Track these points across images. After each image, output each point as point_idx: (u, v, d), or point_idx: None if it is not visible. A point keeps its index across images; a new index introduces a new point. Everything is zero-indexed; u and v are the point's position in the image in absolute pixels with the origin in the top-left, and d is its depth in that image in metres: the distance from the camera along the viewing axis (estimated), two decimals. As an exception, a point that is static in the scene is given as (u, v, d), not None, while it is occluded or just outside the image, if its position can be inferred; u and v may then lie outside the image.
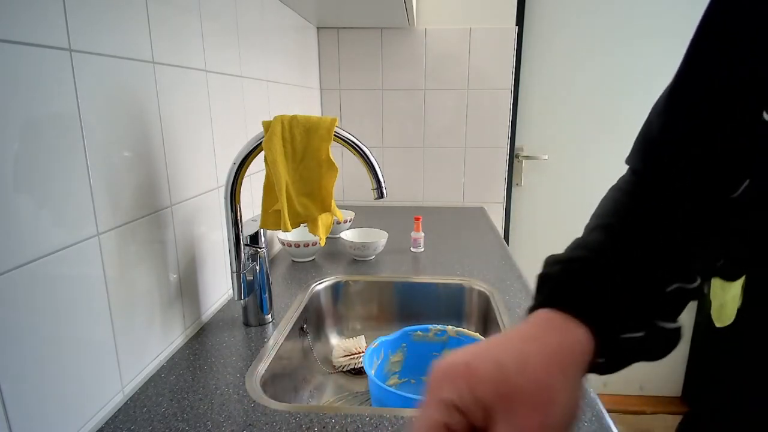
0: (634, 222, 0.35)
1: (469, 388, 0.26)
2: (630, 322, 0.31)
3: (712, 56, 0.32)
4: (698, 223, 0.34)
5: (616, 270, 0.32)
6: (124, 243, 0.61)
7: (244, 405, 0.61)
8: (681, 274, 0.33)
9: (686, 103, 0.34)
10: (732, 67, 0.31)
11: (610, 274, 0.32)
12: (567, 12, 1.70)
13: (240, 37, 0.98)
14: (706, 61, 0.33)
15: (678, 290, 0.33)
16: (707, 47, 0.33)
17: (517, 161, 1.83)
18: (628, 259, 0.33)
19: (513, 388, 0.25)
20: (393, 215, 1.62)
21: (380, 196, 0.73)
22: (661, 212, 0.34)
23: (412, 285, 1.05)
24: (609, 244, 0.34)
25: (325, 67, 1.70)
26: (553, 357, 0.27)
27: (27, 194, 0.46)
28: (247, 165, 0.74)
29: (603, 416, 0.58)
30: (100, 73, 0.56)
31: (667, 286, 0.33)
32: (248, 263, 0.79)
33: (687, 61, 0.34)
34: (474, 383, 0.26)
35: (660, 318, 0.32)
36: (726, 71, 0.32)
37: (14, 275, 0.44)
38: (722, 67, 0.32)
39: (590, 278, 0.32)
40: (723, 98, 0.32)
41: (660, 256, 0.33)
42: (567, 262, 0.34)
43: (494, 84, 1.66)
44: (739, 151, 0.32)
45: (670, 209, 0.34)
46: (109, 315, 0.58)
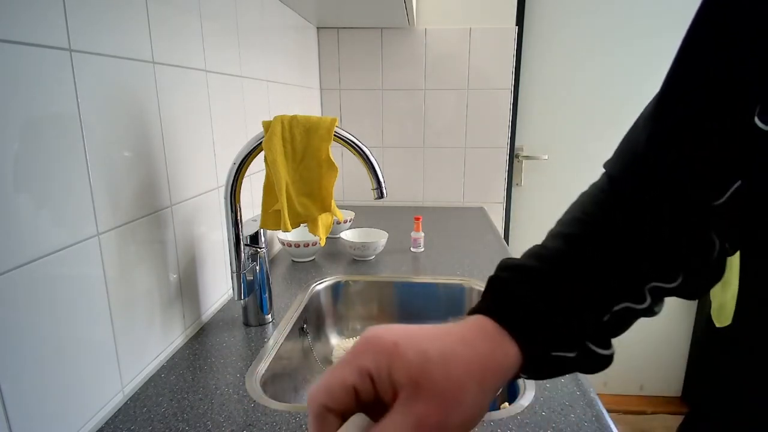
0: (595, 235, 0.35)
1: (388, 364, 0.26)
2: (564, 342, 0.32)
3: (703, 62, 0.32)
4: (664, 238, 0.33)
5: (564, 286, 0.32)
6: (124, 243, 0.61)
7: (244, 405, 0.61)
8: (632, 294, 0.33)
9: (678, 109, 0.33)
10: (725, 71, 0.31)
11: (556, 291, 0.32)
12: (567, 12, 1.70)
13: (240, 37, 0.98)
14: (698, 67, 0.32)
15: (625, 309, 0.33)
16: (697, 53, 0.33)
17: (517, 161, 1.83)
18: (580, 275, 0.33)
19: (427, 378, 0.26)
20: (393, 215, 1.62)
21: (380, 196, 0.73)
22: (626, 227, 0.34)
23: (412, 285, 1.05)
24: (565, 256, 0.34)
25: (325, 67, 1.70)
26: (477, 365, 0.28)
27: (27, 194, 0.46)
28: (247, 165, 0.74)
29: (603, 416, 0.58)
30: (100, 73, 0.56)
31: (615, 305, 0.33)
32: (248, 263, 0.79)
33: (677, 67, 0.33)
34: (394, 362, 0.27)
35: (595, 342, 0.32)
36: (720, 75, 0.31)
37: (14, 275, 0.44)
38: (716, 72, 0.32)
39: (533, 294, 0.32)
40: (718, 105, 0.31)
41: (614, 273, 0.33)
42: (518, 270, 0.34)
43: (494, 84, 1.67)
44: (732, 157, 0.32)
45: (637, 223, 0.34)
46: (109, 315, 0.58)
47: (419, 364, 0.26)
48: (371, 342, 0.28)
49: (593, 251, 0.34)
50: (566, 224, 0.37)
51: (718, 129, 0.31)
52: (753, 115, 0.30)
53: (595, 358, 0.33)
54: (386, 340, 0.28)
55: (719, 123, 0.32)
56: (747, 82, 0.30)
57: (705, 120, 0.32)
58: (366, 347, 0.28)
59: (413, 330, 0.29)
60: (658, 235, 0.33)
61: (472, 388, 0.27)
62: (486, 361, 0.28)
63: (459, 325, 0.31)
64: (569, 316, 0.32)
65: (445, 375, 0.26)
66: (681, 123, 0.33)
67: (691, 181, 0.33)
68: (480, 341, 0.29)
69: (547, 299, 0.32)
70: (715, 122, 0.32)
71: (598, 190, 0.39)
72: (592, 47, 1.72)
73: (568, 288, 0.32)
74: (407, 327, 0.29)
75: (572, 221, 0.37)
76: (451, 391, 0.26)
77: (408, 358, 0.27)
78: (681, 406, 2.02)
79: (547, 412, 0.59)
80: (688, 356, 2.01)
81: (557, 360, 0.32)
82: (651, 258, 0.33)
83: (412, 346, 0.27)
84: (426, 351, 0.27)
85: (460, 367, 0.27)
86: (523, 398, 0.62)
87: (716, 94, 0.31)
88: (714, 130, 0.32)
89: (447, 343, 0.28)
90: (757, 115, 0.30)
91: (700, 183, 0.32)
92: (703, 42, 0.32)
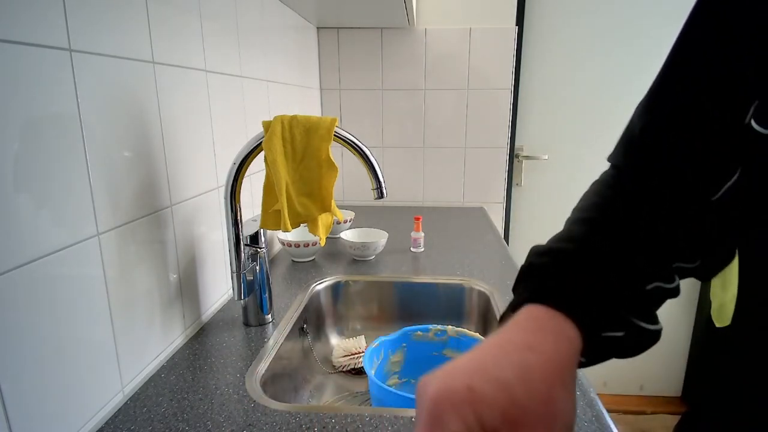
0: (615, 217, 0.35)
1: (476, 416, 0.24)
2: (613, 320, 0.31)
3: (695, 55, 0.32)
4: (676, 224, 0.33)
5: (600, 265, 0.32)
6: (124, 243, 0.61)
7: (244, 405, 0.61)
8: (661, 273, 0.33)
9: (669, 102, 0.34)
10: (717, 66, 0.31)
11: (595, 268, 0.32)
12: (567, 12, 1.70)
13: (240, 37, 0.98)
14: (689, 61, 0.32)
15: (657, 289, 0.33)
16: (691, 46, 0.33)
17: (517, 161, 1.83)
18: (610, 254, 0.33)
19: (520, 410, 0.25)
20: (393, 215, 1.62)
21: (380, 196, 0.73)
22: (642, 209, 0.34)
23: (412, 285, 1.05)
24: (591, 238, 0.34)
25: (325, 67, 1.70)
26: (553, 368, 0.27)
27: (27, 194, 0.46)
28: (247, 165, 0.74)
29: (603, 416, 0.58)
30: (100, 73, 0.56)
31: (647, 284, 0.33)
32: (248, 263, 0.79)
33: (671, 60, 0.33)
34: (481, 410, 0.24)
35: (640, 318, 0.32)
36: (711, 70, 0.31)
37: (14, 275, 0.44)
38: (706, 65, 0.31)
39: (577, 273, 0.32)
40: (707, 97, 0.31)
41: (641, 253, 0.33)
42: (553, 255, 0.33)
43: (494, 84, 1.66)
44: (722, 154, 0.32)
45: (649, 207, 0.34)
46: (109, 315, 0.58)
47: (505, 399, 0.25)
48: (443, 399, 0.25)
49: (617, 234, 0.34)
50: (584, 210, 0.37)
51: (709, 125, 0.32)
52: (747, 112, 0.30)
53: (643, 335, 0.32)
54: (458, 390, 0.25)
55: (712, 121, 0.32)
56: (741, 77, 0.30)
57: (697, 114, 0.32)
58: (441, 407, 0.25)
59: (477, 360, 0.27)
60: (677, 220, 0.33)
61: (560, 394, 0.26)
62: (559, 359, 0.27)
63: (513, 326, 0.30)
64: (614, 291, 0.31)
65: (533, 397, 0.25)
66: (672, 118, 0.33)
67: (688, 178, 0.33)
68: (544, 341, 0.28)
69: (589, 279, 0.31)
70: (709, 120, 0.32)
71: (609, 178, 0.39)
72: (592, 47, 1.72)
73: (604, 267, 0.32)
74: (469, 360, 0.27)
75: (590, 207, 0.37)
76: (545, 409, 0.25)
77: (491, 398, 0.24)
78: (681, 406, 2.02)
79: (547, 412, 0.59)
80: (688, 356, 2.01)
81: (609, 341, 0.31)
82: (675, 239, 0.34)
83: (487, 381, 0.25)
84: (503, 380, 0.25)
85: (541, 381, 0.26)
86: (523, 398, 0.62)
87: (708, 89, 0.32)
88: (706, 126, 0.32)
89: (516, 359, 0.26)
90: (753, 118, 0.30)
91: (695, 175, 0.33)
92: (698, 36, 0.32)
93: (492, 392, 0.25)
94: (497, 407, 0.24)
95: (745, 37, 0.30)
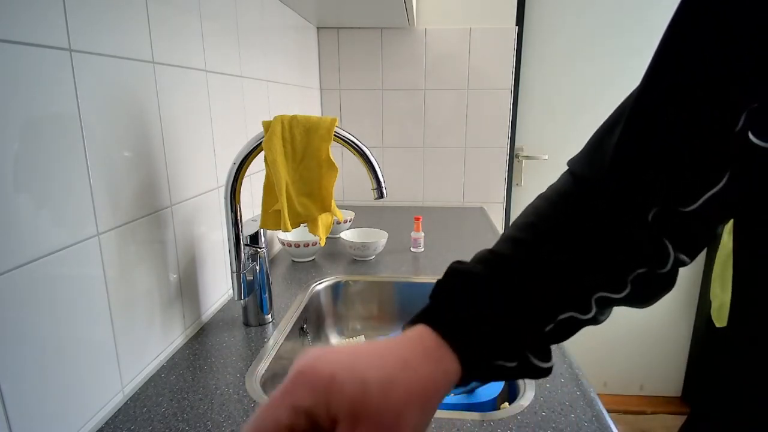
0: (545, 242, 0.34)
1: (326, 399, 0.25)
2: (505, 353, 0.31)
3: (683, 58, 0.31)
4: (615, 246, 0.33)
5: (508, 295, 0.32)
6: (124, 243, 0.61)
7: (244, 405, 0.61)
8: (578, 304, 0.33)
9: (655, 107, 0.32)
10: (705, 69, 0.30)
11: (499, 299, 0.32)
12: (567, 12, 1.70)
13: (240, 37, 0.98)
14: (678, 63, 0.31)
15: (570, 319, 0.33)
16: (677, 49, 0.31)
17: (517, 161, 1.83)
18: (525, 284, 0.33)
19: (366, 409, 0.25)
20: (393, 215, 1.62)
21: (380, 196, 0.73)
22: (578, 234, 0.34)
23: (412, 285, 1.05)
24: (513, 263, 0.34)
25: (325, 67, 1.70)
26: (418, 391, 0.27)
27: (27, 194, 0.46)
28: (247, 165, 0.74)
29: (603, 416, 0.58)
30: (100, 73, 0.56)
31: (560, 314, 0.33)
32: (248, 263, 0.79)
33: (656, 63, 0.32)
34: (332, 396, 0.25)
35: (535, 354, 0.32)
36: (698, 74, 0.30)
37: (14, 275, 0.44)
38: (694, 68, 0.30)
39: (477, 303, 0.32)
40: (695, 102, 0.30)
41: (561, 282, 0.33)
42: (463, 276, 0.33)
43: (494, 84, 1.66)
44: (712, 161, 0.31)
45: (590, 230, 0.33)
46: (109, 315, 0.58)
47: (358, 395, 0.25)
48: (306, 375, 0.26)
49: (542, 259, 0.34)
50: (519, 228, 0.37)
51: (698, 134, 0.31)
52: (738, 120, 0.29)
53: (534, 370, 0.32)
54: (322, 373, 0.26)
55: (699, 128, 0.31)
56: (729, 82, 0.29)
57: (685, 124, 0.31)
58: (301, 381, 0.26)
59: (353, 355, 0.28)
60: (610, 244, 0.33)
61: (414, 413, 0.27)
62: (426, 383, 0.28)
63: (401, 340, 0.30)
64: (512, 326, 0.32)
65: (385, 405, 0.26)
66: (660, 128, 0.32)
67: (667, 185, 0.32)
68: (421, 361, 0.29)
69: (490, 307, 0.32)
70: (696, 127, 0.31)
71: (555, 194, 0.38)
72: (593, 47, 1.72)
73: (512, 297, 0.32)
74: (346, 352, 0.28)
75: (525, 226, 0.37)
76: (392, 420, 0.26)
77: (346, 391, 0.25)
78: (681, 406, 2.02)
79: (547, 412, 0.59)
80: (688, 356, 2.01)
81: (497, 368, 0.32)
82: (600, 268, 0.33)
83: (350, 376, 0.26)
84: (365, 380, 0.26)
85: (400, 395, 0.26)
86: (523, 398, 0.62)
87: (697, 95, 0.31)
88: (694, 136, 0.31)
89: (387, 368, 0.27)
90: (750, 130, 0.30)
91: (676, 188, 0.32)
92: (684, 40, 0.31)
93: (349, 386, 0.26)
94: (347, 400, 0.25)
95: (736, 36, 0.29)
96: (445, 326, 0.31)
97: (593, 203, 0.34)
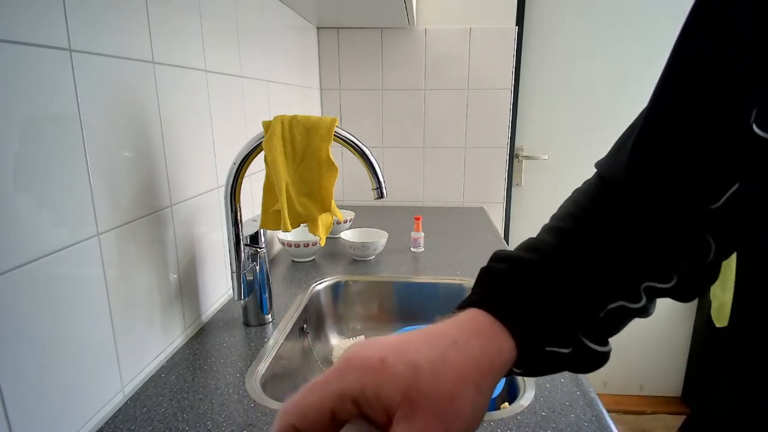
0: (589, 230, 0.34)
1: (376, 384, 0.25)
2: (559, 337, 0.31)
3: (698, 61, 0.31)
4: (651, 240, 0.33)
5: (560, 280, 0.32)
6: (124, 243, 0.61)
7: (244, 405, 0.61)
8: (627, 292, 0.33)
9: (672, 105, 0.33)
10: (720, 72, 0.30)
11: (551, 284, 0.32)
12: (567, 12, 1.70)
13: (240, 37, 0.98)
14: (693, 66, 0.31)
15: (620, 308, 0.33)
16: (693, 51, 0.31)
17: (517, 161, 1.83)
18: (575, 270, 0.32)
19: (422, 395, 0.25)
20: (393, 215, 1.62)
21: (380, 196, 0.73)
22: (620, 224, 0.34)
23: (412, 285, 1.05)
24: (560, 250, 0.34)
25: (325, 67, 1.70)
26: (471, 368, 0.27)
27: (27, 194, 0.46)
28: (247, 165, 0.74)
29: (603, 416, 0.58)
30: (100, 73, 0.56)
31: (610, 303, 0.33)
32: (248, 263, 0.79)
33: (672, 64, 0.32)
34: (383, 381, 0.25)
35: (590, 338, 0.32)
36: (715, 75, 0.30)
37: (14, 275, 0.44)
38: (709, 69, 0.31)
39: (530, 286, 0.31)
40: (712, 101, 0.30)
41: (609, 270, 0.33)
42: (512, 262, 0.33)
43: (494, 84, 1.66)
44: (728, 161, 0.31)
45: (631, 225, 0.33)
46: (109, 315, 0.58)
47: (410, 379, 0.25)
48: (356, 361, 0.26)
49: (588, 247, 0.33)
50: (561, 219, 0.37)
51: (713, 132, 0.31)
52: (749, 117, 0.30)
53: (590, 355, 0.32)
54: (372, 358, 0.26)
55: (714, 126, 0.31)
56: (741, 82, 0.30)
57: (700, 123, 0.31)
58: (349, 366, 0.26)
59: (401, 340, 0.27)
60: (653, 236, 0.33)
61: (469, 393, 0.26)
62: (479, 362, 0.27)
63: (451, 322, 0.30)
64: (564, 310, 0.31)
65: (439, 387, 0.25)
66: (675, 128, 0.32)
67: (686, 186, 0.32)
68: (473, 340, 0.28)
69: (543, 292, 0.31)
70: (710, 125, 0.31)
71: (593, 187, 0.39)
72: (592, 47, 1.72)
73: (564, 282, 0.32)
74: (394, 338, 0.28)
75: (567, 216, 0.37)
76: (447, 403, 0.25)
77: (397, 375, 0.25)
78: (681, 406, 2.02)
79: (547, 412, 0.59)
80: (688, 356, 2.01)
81: (552, 355, 0.31)
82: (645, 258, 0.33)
83: (401, 359, 0.25)
84: (416, 363, 0.25)
85: (453, 375, 0.26)
86: (523, 398, 0.62)
87: (711, 95, 0.31)
88: (709, 134, 0.31)
89: (438, 350, 0.27)
90: (754, 121, 0.30)
91: (696, 188, 0.32)
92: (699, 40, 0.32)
93: (400, 370, 0.25)
94: (400, 385, 0.25)
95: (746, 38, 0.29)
96: (497, 307, 0.30)
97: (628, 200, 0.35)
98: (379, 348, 0.26)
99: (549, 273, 0.32)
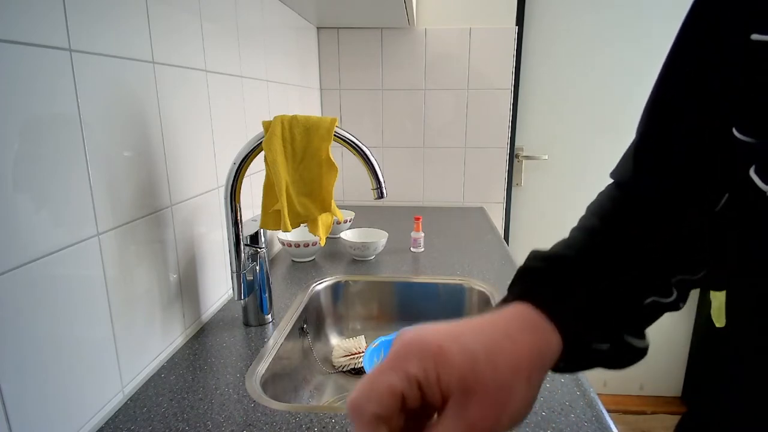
0: (614, 228, 0.35)
1: (436, 369, 0.25)
2: (600, 333, 0.31)
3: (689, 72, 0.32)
4: (677, 236, 0.34)
5: (597, 276, 0.32)
6: (124, 243, 0.61)
7: (244, 405, 0.61)
8: (659, 288, 0.33)
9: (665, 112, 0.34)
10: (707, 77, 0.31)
11: (590, 279, 0.32)
12: (567, 12, 1.70)
13: (240, 37, 0.98)
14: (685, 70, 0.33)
15: (653, 304, 0.33)
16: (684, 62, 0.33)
17: (517, 161, 1.83)
18: (607, 266, 0.33)
19: (477, 381, 0.25)
20: (393, 215, 1.62)
21: (380, 196, 0.73)
22: (644, 223, 0.34)
23: (412, 285, 1.05)
24: (590, 248, 0.34)
25: (325, 67, 1.70)
26: (523, 359, 0.27)
27: (27, 194, 0.46)
28: (247, 165, 0.74)
29: (603, 416, 0.58)
30: (100, 73, 0.56)
31: (643, 299, 0.33)
32: (248, 263, 0.79)
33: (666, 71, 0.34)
34: (442, 366, 0.25)
35: (630, 333, 0.32)
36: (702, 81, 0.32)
37: (14, 275, 0.44)
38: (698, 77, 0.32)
39: (571, 280, 0.32)
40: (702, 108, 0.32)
41: (640, 267, 0.33)
42: (552, 260, 0.34)
43: (494, 84, 1.66)
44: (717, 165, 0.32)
45: (653, 220, 0.34)
46: (109, 315, 0.58)
47: (468, 366, 0.26)
48: (414, 346, 0.26)
49: (617, 245, 0.34)
50: (589, 218, 0.38)
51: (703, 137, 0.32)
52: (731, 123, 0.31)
53: (629, 351, 0.32)
54: (431, 343, 0.26)
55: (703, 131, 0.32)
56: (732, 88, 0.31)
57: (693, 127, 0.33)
58: (409, 351, 0.26)
59: (455, 329, 0.28)
60: (680, 233, 0.34)
61: (521, 385, 0.27)
62: (531, 353, 0.28)
63: (499, 315, 0.30)
64: (607, 304, 0.31)
65: (495, 376, 0.26)
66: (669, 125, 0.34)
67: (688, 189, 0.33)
68: (524, 333, 0.28)
69: (585, 288, 0.32)
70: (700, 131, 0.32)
71: (611, 191, 0.40)
72: (593, 47, 1.72)
73: (602, 280, 0.32)
74: (447, 326, 0.28)
75: (594, 215, 0.38)
76: (501, 392, 0.26)
77: (455, 361, 0.25)
78: (681, 406, 2.02)
79: (547, 412, 0.59)
80: (688, 356, 2.01)
81: (592, 352, 0.32)
82: (674, 253, 0.34)
83: (458, 347, 0.26)
84: (472, 351, 0.26)
85: (507, 365, 0.26)
86: (523, 398, 0.62)
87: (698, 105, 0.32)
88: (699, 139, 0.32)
89: (492, 338, 0.27)
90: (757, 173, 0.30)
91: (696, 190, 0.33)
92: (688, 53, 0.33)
93: (458, 357, 0.26)
94: (457, 371, 0.25)
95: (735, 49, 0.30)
96: (544, 301, 0.30)
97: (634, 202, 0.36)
98: (435, 334, 0.27)
99: (586, 270, 0.33)
